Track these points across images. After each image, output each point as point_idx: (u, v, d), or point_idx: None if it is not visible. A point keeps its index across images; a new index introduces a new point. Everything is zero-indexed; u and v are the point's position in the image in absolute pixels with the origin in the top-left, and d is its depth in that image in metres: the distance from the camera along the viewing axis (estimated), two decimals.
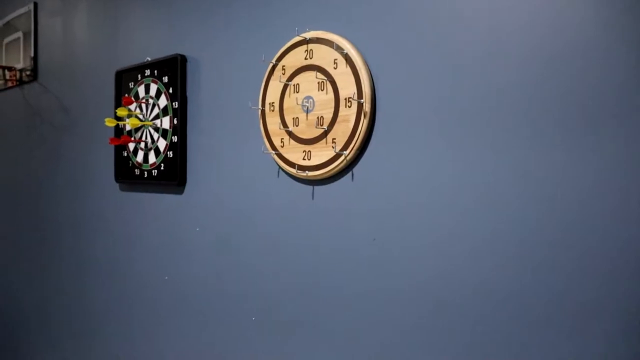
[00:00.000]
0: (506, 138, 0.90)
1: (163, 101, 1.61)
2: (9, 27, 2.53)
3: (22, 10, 2.41)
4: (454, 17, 0.97)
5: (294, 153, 1.22)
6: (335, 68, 1.14)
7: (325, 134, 1.16)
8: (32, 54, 2.34)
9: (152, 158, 1.66)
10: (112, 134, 1.85)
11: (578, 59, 0.82)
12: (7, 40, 2.54)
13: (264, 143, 1.31)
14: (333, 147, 1.14)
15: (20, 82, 2.44)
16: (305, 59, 1.20)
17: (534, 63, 0.87)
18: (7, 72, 2.50)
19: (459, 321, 0.96)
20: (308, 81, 1.19)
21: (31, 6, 2.34)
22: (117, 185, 1.87)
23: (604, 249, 0.80)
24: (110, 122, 1.68)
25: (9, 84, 2.50)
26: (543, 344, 0.86)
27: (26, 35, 2.39)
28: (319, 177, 1.18)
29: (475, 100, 0.94)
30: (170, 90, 1.58)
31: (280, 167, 1.28)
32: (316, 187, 1.21)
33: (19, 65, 2.43)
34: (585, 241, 0.81)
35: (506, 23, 0.90)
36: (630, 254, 0.77)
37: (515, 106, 0.89)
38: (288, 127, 1.24)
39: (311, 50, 1.19)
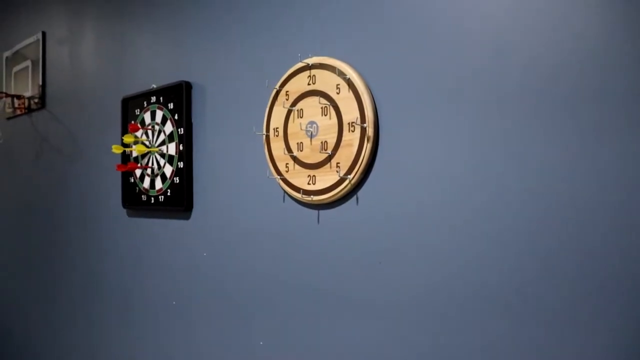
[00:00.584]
0: (514, 161, 0.90)
1: (169, 127, 1.62)
2: (17, 56, 2.58)
3: (30, 40, 2.46)
4: (456, 40, 0.98)
5: (299, 178, 1.23)
6: (338, 93, 1.15)
7: (329, 158, 1.16)
8: (40, 82, 2.38)
9: (158, 184, 1.67)
10: (119, 161, 1.87)
11: (587, 59, 0.83)
12: (16, 69, 2.59)
13: (269, 168, 1.32)
14: (337, 172, 1.14)
15: (29, 110, 2.48)
16: (309, 84, 1.21)
17: (539, 69, 0.87)
18: (16, 100, 2.54)
19: (465, 342, 0.95)
20: (311, 106, 1.20)
21: (39, 35, 2.39)
22: (124, 211, 1.88)
23: (613, 249, 0.79)
24: (117, 149, 1.69)
25: (18, 111, 2.54)
26: (554, 344, 0.85)
27: (34, 64, 2.43)
28: (324, 202, 1.19)
29: (479, 124, 0.94)
30: (176, 117, 1.60)
31: (285, 192, 1.28)
32: (321, 211, 1.21)
33: (28, 94, 2.47)
34: (592, 241, 0.81)
35: (510, 32, 0.91)
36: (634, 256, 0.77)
37: (520, 128, 0.89)
38: (292, 152, 1.25)
39: (314, 75, 1.20)
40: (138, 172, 1.77)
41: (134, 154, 1.78)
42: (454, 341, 0.98)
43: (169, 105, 1.63)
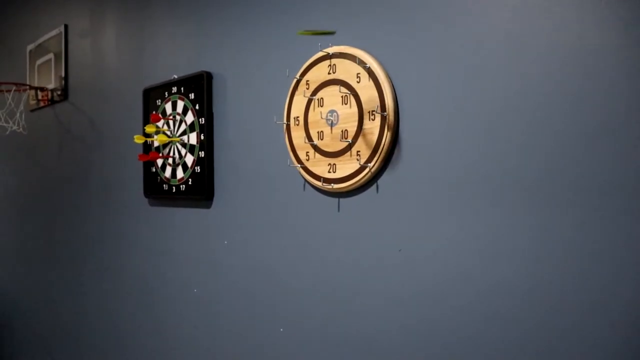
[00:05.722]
0: (534, 143, 0.90)
1: (190, 117, 1.65)
2: (41, 49, 2.62)
3: (53, 33, 2.50)
4: (475, 28, 0.98)
5: (319, 166, 1.24)
6: (358, 82, 1.16)
7: (349, 146, 1.17)
8: (63, 75, 2.42)
9: (180, 173, 1.70)
10: (140, 151, 1.90)
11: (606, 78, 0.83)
12: (39, 61, 2.63)
13: (289, 157, 1.33)
14: (357, 160, 1.15)
15: (52, 102, 2.53)
16: (329, 73, 1.22)
17: (555, 66, 0.87)
18: (39, 93, 2.59)
19: (486, 329, 0.96)
20: (332, 95, 1.21)
21: (62, 28, 2.43)
22: (146, 200, 1.91)
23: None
24: (138, 139, 1.72)
25: (41, 103, 2.59)
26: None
27: (57, 56, 2.47)
28: (344, 190, 1.20)
29: (499, 110, 0.94)
30: (197, 107, 1.62)
31: (306, 180, 1.30)
32: (342, 200, 1.22)
33: (51, 86, 2.52)
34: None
35: (528, 34, 0.91)
36: None
37: (539, 114, 0.89)
38: (313, 141, 1.26)
39: (334, 65, 1.21)
40: (160, 161, 1.80)
41: (156, 144, 1.81)
42: (471, 342, 0.98)
43: (190, 95, 1.65)
